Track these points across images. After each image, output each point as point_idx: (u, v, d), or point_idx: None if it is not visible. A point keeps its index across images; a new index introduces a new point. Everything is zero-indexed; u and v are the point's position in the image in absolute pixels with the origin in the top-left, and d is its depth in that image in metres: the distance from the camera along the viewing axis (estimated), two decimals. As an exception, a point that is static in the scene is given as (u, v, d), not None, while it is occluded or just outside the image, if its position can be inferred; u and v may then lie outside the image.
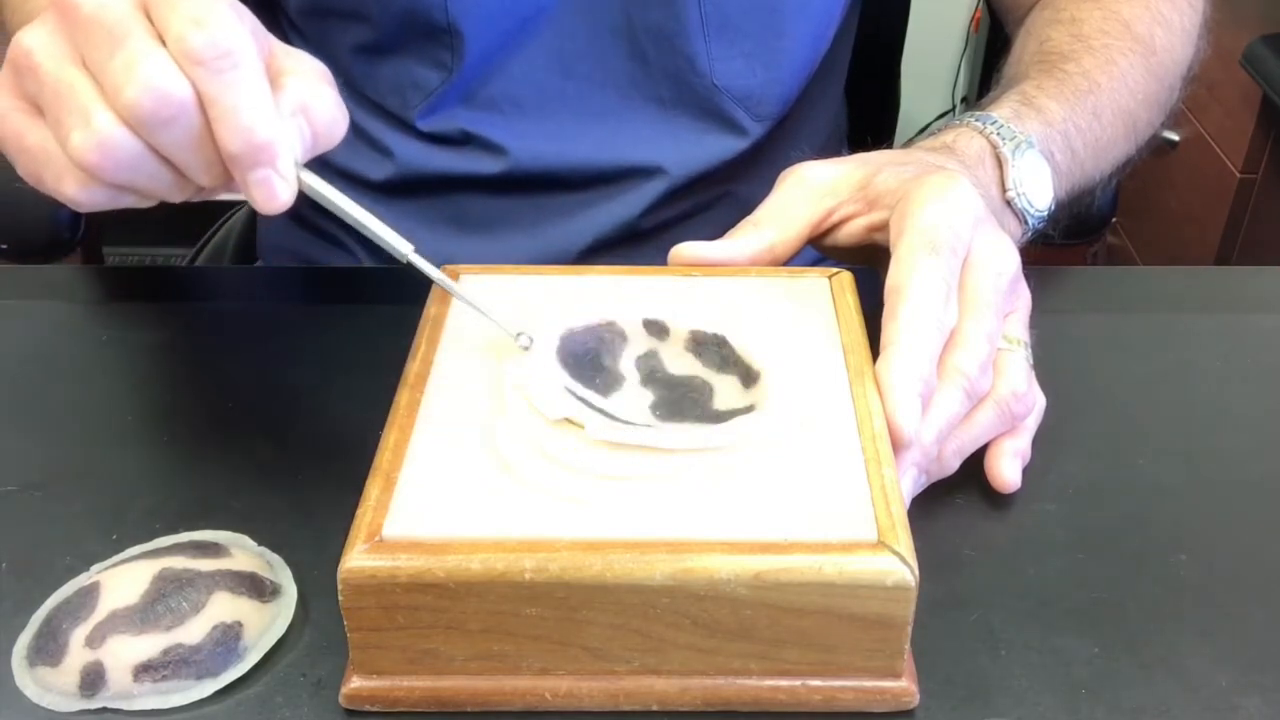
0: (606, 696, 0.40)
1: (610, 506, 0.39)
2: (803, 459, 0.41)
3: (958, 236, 0.47)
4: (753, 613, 0.38)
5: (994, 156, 0.58)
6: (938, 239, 0.47)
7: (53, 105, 0.40)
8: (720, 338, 0.47)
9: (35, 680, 0.41)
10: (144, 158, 0.40)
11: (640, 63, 0.70)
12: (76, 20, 0.39)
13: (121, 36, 0.39)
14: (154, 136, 0.39)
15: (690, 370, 0.47)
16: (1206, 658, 0.43)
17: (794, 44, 0.71)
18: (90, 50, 0.39)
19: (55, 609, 0.43)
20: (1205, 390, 0.57)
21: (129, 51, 0.38)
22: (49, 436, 0.53)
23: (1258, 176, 1.56)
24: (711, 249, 0.52)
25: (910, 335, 0.45)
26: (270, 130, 0.40)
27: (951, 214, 0.48)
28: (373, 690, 0.40)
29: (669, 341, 0.48)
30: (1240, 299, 0.65)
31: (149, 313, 0.63)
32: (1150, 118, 0.68)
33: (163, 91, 0.38)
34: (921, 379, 0.44)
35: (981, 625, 0.44)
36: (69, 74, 0.39)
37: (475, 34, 0.68)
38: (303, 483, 0.50)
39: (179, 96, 0.38)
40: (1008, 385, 0.48)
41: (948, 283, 0.46)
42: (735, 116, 0.71)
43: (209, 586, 0.43)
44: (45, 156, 0.41)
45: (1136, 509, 0.49)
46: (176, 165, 0.41)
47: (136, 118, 0.38)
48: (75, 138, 0.39)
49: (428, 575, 0.37)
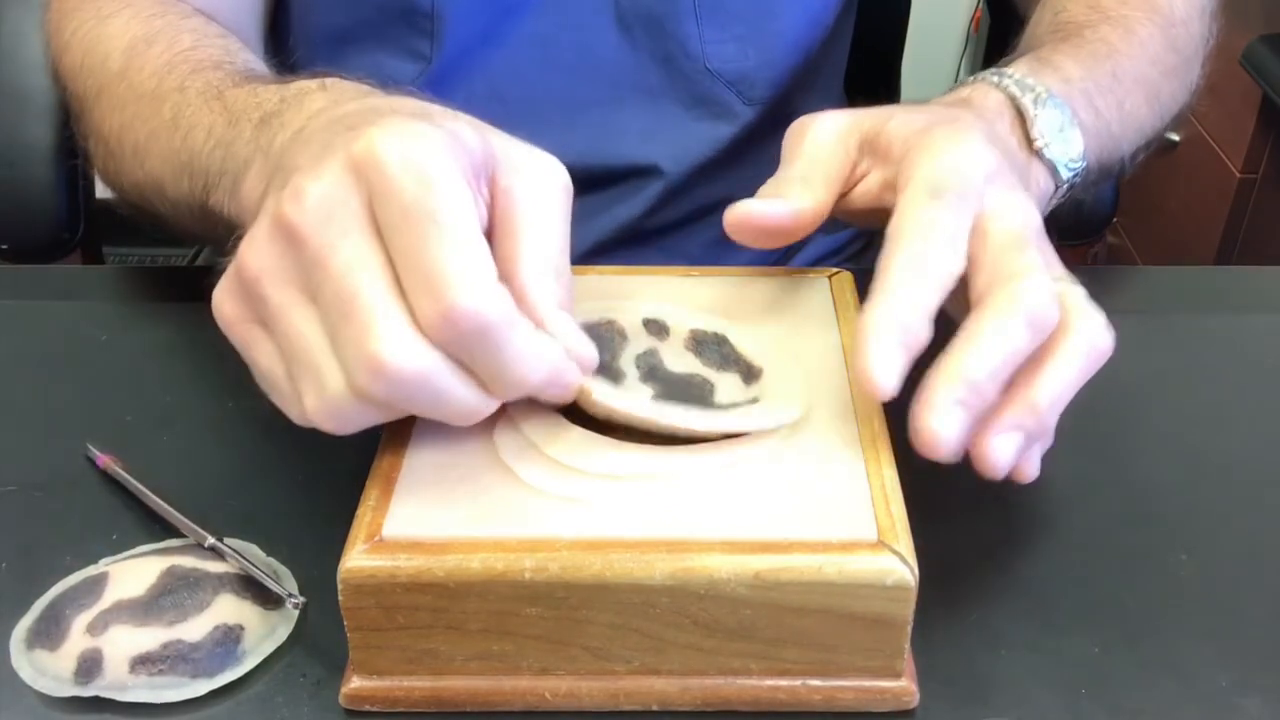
0: (606, 696, 0.40)
1: (610, 506, 0.39)
2: (803, 459, 0.41)
3: (966, 183, 0.43)
4: (752, 612, 0.38)
5: (1014, 109, 0.53)
6: (942, 184, 0.42)
7: (285, 351, 0.38)
8: (720, 336, 0.47)
9: (31, 663, 0.41)
10: (391, 412, 0.38)
11: (629, 50, 0.69)
12: (302, 252, 0.36)
13: (350, 296, 0.35)
14: (395, 403, 0.37)
15: (691, 369, 0.47)
16: (1206, 658, 0.43)
17: (787, 26, 0.71)
18: (319, 295, 0.36)
19: (60, 594, 0.43)
20: (1205, 390, 0.57)
21: (359, 321, 0.35)
22: (49, 436, 0.53)
23: (1258, 176, 1.56)
24: (772, 209, 0.47)
25: (898, 280, 0.41)
26: (550, 360, 0.38)
27: (961, 162, 0.43)
28: (373, 690, 0.40)
29: (669, 340, 0.47)
30: (1240, 299, 0.65)
31: (149, 313, 0.63)
32: (1173, 90, 0.65)
33: (401, 371, 0.35)
34: (903, 326, 0.40)
35: (981, 625, 0.44)
36: (298, 324, 0.37)
37: (457, 19, 0.66)
38: (303, 483, 0.50)
39: (421, 370, 0.36)
40: (1086, 321, 0.43)
41: (949, 230, 0.42)
42: (726, 100, 0.71)
43: (215, 587, 0.43)
44: (275, 384, 0.39)
45: (1136, 509, 0.49)
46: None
47: (372, 396, 0.36)
48: (308, 403, 0.37)
49: (427, 575, 0.37)
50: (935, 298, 0.41)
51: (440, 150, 0.36)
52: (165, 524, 0.47)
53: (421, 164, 0.36)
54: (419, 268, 0.35)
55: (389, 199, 0.36)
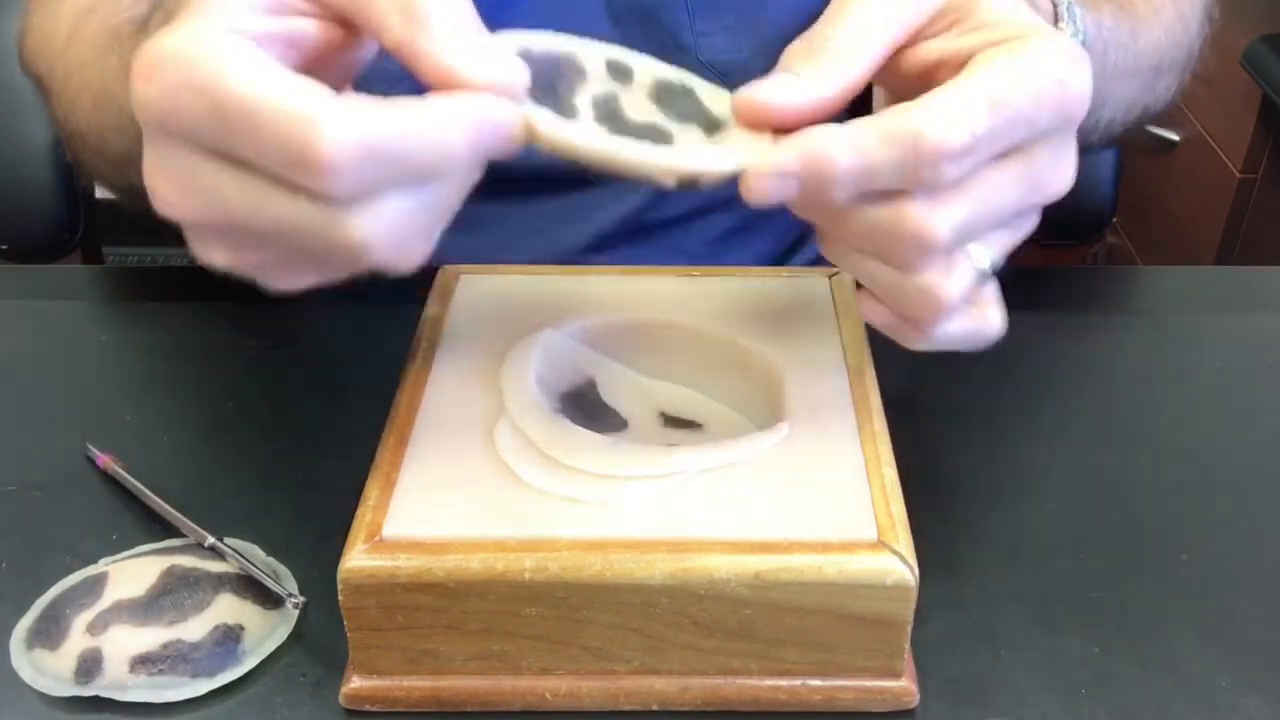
0: (606, 696, 0.40)
1: (610, 506, 0.39)
2: (803, 459, 0.41)
3: (1031, 125, 0.38)
4: (753, 612, 0.38)
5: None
6: (1014, 106, 0.37)
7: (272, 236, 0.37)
8: (686, 88, 0.42)
9: (31, 663, 0.41)
10: (403, 177, 0.35)
11: (622, 43, 0.69)
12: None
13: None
14: (385, 178, 0.35)
15: (650, 118, 0.41)
16: (1206, 658, 0.43)
17: (778, 14, 0.71)
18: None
19: (60, 595, 0.43)
20: (1205, 390, 0.57)
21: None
22: (49, 436, 0.53)
23: (1258, 176, 1.56)
24: (785, 100, 0.40)
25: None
26: (464, 125, 0.35)
27: (1054, 96, 0.38)
28: (373, 690, 0.40)
29: (631, 88, 0.42)
30: (1240, 299, 0.65)
31: (149, 313, 0.63)
32: (1175, 57, 0.64)
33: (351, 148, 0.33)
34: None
35: (981, 625, 0.44)
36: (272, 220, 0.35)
37: None
38: (303, 483, 0.50)
39: (368, 135, 0.34)
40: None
41: (972, 131, 0.36)
42: None
43: (215, 587, 0.43)
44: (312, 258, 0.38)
45: (1136, 509, 0.49)
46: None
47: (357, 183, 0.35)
48: (354, 237, 0.35)
49: (428, 575, 0.37)
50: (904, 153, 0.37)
51: (197, 56, 0.34)
52: (165, 524, 0.47)
53: (195, 82, 0.34)
54: (268, 159, 0.34)
55: (194, 131, 0.35)
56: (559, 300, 0.49)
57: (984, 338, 0.42)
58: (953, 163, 0.37)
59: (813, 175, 0.37)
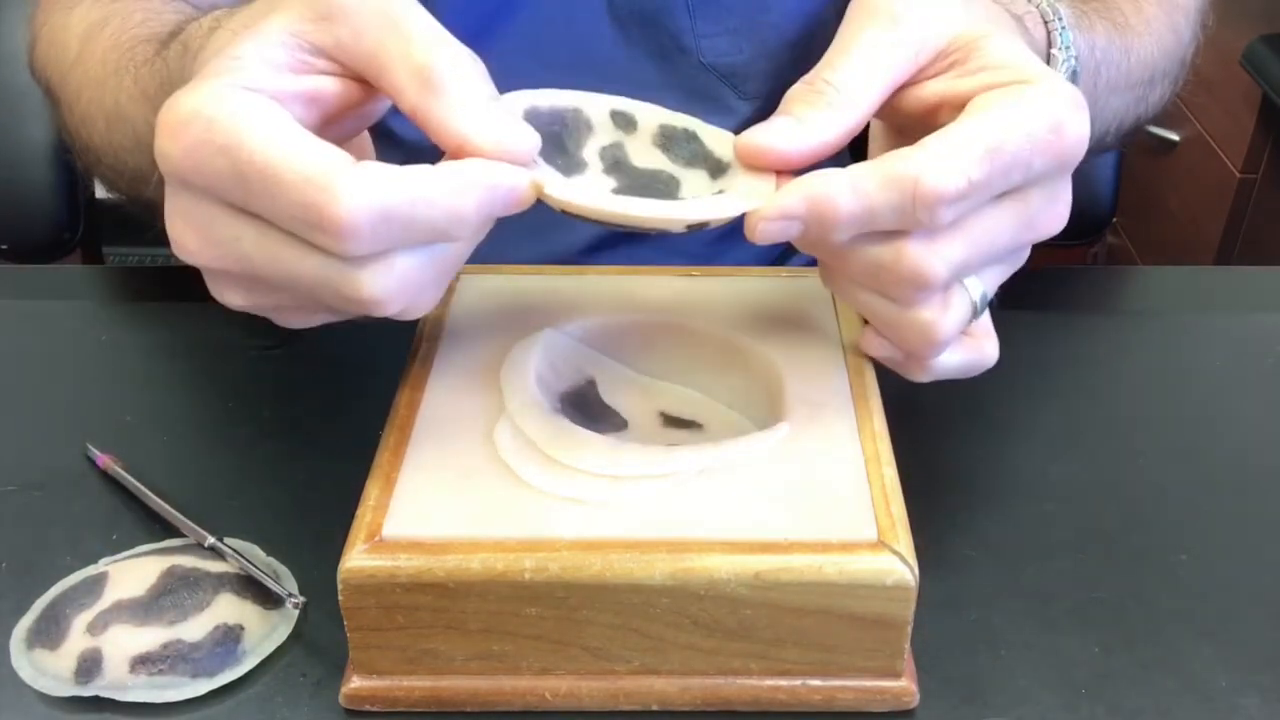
0: (606, 696, 0.40)
1: (610, 506, 0.39)
2: (803, 459, 0.41)
3: (1028, 170, 0.39)
4: (752, 612, 0.38)
5: (1045, 56, 0.52)
6: (1011, 151, 0.38)
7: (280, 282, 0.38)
8: (690, 132, 0.44)
9: (31, 663, 0.41)
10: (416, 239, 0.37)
11: (624, 45, 0.69)
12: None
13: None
14: (396, 239, 0.36)
15: (657, 164, 0.43)
16: (1206, 658, 0.43)
17: (779, 18, 0.71)
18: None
19: (60, 594, 0.43)
20: (1205, 390, 0.57)
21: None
22: (49, 436, 0.53)
23: (1258, 176, 1.56)
24: (784, 146, 0.41)
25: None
26: (477, 189, 0.37)
27: (1051, 143, 0.39)
28: (372, 690, 0.40)
29: (636, 135, 0.44)
30: (1240, 299, 0.65)
31: (149, 313, 0.63)
32: (1168, 68, 0.64)
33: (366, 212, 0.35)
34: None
35: (981, 625, 0.44)
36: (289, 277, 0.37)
37: (451, 15, 0.66)
38: (303, 483, 0.50)
39: (383, 201, 0.35)
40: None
41: (969, 177, 0.37)
42: (721, 96, 0.71)
43: (215, 587, 0.43)
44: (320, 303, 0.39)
45: (1136, 509, 0.49)
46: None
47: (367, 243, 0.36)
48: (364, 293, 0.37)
49: (428, 575, 0.37)
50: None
51: (218, 116, 0.36)
52: (165, 524, 0.47)
53: (217, 141, 0.35)
54: (286, 219, 0.35)
55: (214, 187, 0.36)
56: (559, 300, 0.49)
57: (981, 368, 0.44)
58: (949, 207, 0.38)
59: (815, 218, 0.38)
